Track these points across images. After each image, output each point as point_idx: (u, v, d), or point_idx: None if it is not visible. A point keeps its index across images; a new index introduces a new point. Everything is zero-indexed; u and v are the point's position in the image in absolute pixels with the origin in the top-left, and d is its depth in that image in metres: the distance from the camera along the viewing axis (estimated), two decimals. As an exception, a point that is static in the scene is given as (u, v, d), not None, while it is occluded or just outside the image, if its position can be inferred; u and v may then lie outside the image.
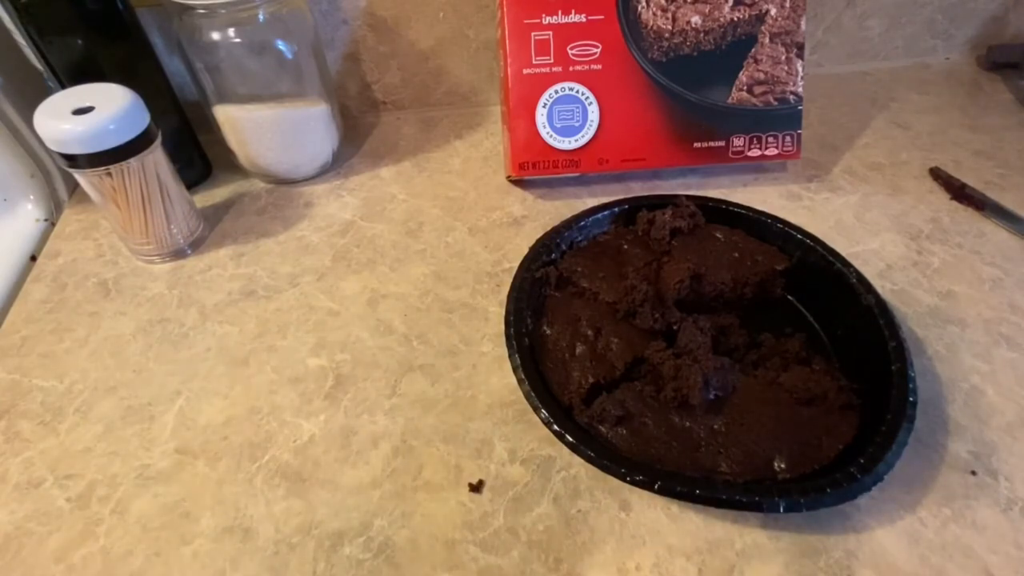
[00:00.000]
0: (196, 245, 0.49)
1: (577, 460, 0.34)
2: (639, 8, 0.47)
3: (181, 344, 0.42)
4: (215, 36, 0.44)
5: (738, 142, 0.50)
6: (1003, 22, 0.62)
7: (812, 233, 0.40)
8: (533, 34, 0.47)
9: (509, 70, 0.48)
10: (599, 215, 0.43)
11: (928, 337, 0.39)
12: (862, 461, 0.29)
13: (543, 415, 0.32)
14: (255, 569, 0.31)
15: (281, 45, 0.46)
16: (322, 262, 0.47)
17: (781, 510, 0.28)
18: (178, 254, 0.48)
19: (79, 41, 0.44)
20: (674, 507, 0.32)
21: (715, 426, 0.32)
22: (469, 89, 0.62)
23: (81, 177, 0.42)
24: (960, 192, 0.49)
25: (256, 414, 0.37)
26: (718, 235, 0.40)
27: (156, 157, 0.43)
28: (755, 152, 0.50)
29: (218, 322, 0.43)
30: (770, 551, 0.30)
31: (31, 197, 0.52)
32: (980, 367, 0.38)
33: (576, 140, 0.49)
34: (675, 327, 0.37)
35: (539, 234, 0.43)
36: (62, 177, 0.53)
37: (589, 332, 0.36)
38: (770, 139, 0.50)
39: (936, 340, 0.39)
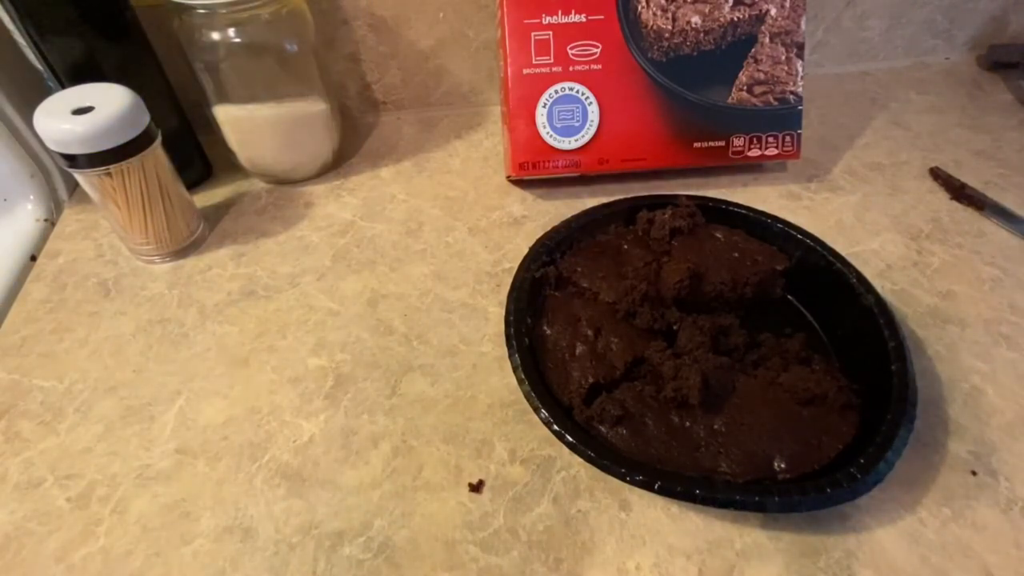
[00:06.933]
0: (196, 245, 0.49)
1: (577, 460, 0.34)
2: (639, 8, 0.47)
3: (181, 344, 0.42)
4: (215, 36, 0.44)
5: (738, 142, 0.49)
6: (1003, 22, 0.62)
7: (812, 233, 0.40)
8: (533, 34, 0.47)
9: (509, 70, 0.48)
10: (599, 215, 0.43)
11: (928, 337, 0.39)
12: (862, 461, 0.29)
13: (543, 415, 0.32)
14: (255, 569, 0.31)
15: (281, 45, 0.46)
16: (322, 262, 0.47)
17: (781, 510, 0.28)
18: (178, 254, 0.48)
19: (79, 41, 0.44)
20: (674, 507, 0.32)
21: (715, 426, 0.32)
22: (469, 89, 0.62)
23: (81, 177, 0.42)
24: (960, 192, 0.49)
25: (256, 414, 0.37)
26: (718, 235, 0.40)
27: (156, 157, 0.43)
28: (755, 152, 0.50)
29: (218, 322, 0.43)
30: (770, 551, 0.30)
31: (31, 197, 0.52)
32: (980, 367, 0.38)
33: (576, 140, 0.49)
34: (675, 327, 0.37)
35: (539, 234, 0.43)
36: (62, 177, 0.53)
37: (589, 332, 0.36)
38: (770, 139, 0.50)
39: (936, 340, 0.39)
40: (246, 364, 0.40)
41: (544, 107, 0.48)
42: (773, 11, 0.47)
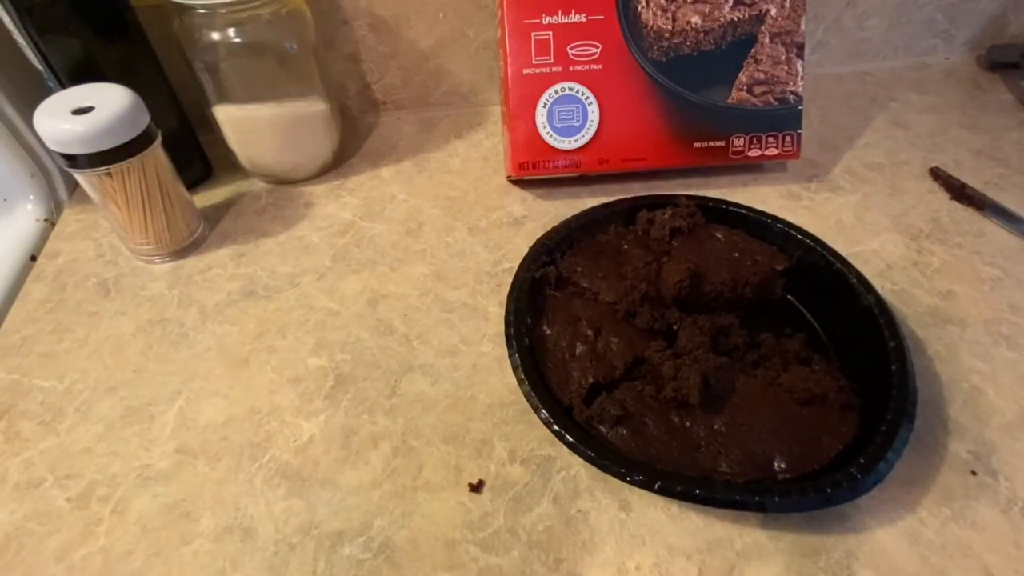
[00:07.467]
0: (196, 245, 0.49)
1: (577, 460, 0.34)
2: (639, 8, 0.47)
3: (181, 344, 0.42)
4: (215, 36, 0.44)
5: (738, 142, 0.49)
6: (1003, 22, 0.62)
7: (812, 233, 0.40)
8: (533, 34, 0.47)
9: (509, 70, 0.48)
10: (599, 215, 0.43)
11: (928, 337, 0.39)
12: (862, 461, 0.29)
13: (543, 415, 0.32)
14: (255, 569, 0.31)
15: (281, 45, 0.46)
16: (322, 262, 0.47)
17: (781, 510, 0.28)
18: (178, 254, 0.48)
19: (79, 41, 0.44)
20: (674, 507, 0.32)
21: (715, 426, 0.32)
22: (469, 89, 0.62)
23: (81, 177, 0.42)
24: (960, 192, 0.49)
25: (256, 414, 0.37)
26: (718, 235, 0.40)
27: (156, 157, 0.43)
28: (755, 152, 0.50)
29: (218, 322, 0.43)
30: (770, 551, 0.30)
31: (31, 197, 0.52)
32: (980, 367, 0.38)
33: (576, 140, 0.49)
34: (675, 327, 0.37)
35: (539, 234, 0.43)
36: (62, 177, 0.53)
37: (589, 332, 0.36)
38: (770, 139, 0.50)
39: (936, 340, 0.39)
40: (246, 364, 0.40)
41: (544, 107, 0.48)
42: (773, 11, 0.47)
